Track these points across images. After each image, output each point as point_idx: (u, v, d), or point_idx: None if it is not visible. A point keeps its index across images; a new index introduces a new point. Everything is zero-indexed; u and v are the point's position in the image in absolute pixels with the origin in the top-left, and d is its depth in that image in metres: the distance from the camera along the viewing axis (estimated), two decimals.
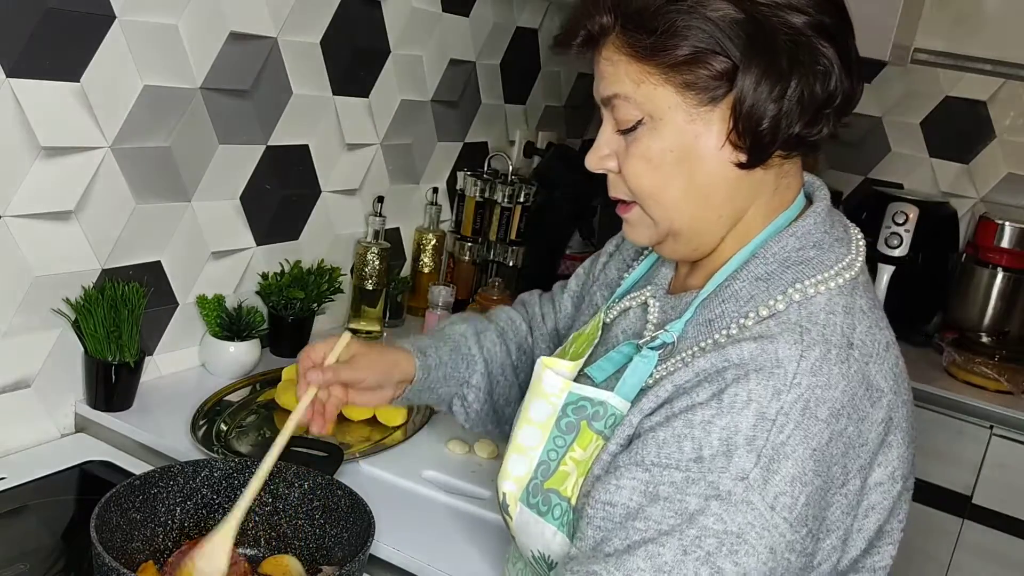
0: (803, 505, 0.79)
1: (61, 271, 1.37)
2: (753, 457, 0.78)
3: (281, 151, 1.70)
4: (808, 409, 0.80)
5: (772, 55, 0.82)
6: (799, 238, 0.89)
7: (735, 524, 0.78)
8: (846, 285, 0.88)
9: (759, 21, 0.82)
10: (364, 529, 1.06)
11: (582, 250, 2.55)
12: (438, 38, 2.01)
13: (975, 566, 2.17)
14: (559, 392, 0.97)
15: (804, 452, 0.79)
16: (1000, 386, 2.17)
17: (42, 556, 1.13)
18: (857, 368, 0.83)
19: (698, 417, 0.81)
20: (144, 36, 1.38)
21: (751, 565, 0.78)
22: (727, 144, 0.85)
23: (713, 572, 0.77)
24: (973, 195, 2.64)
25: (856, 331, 0.85)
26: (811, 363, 0.81)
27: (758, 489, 0.78)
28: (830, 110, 0.86)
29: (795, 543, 0.79)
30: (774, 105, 0.83)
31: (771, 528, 0.78)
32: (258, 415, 1.50)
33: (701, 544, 0.78)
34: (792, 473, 0.78)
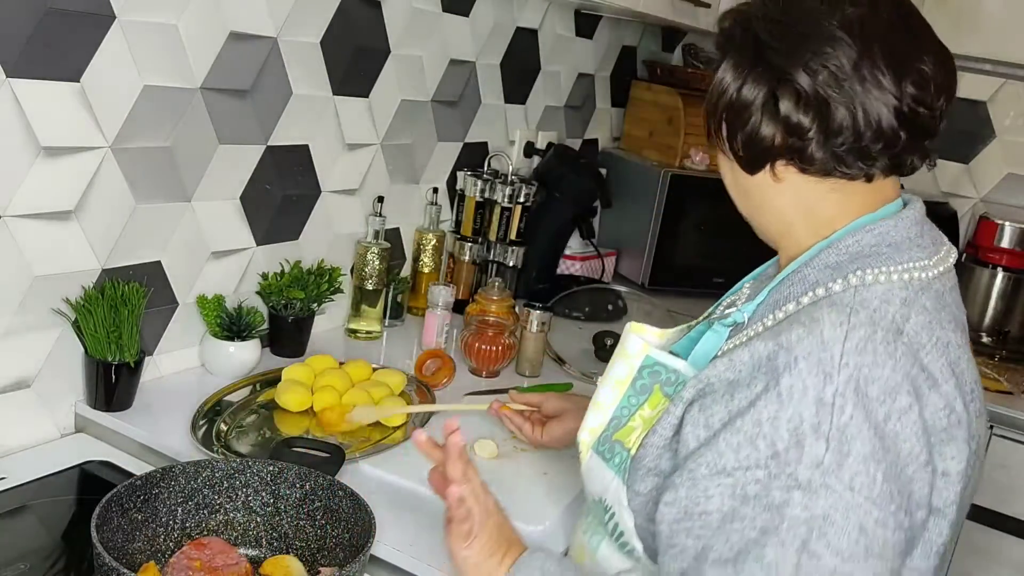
0: (881, 481, 0.81)
1: (61, 271, 1.37)
2: (823, 443, 0.81)
3: (281, 151, 1.70)
4: (859, 388, 0.82)
5: (759, 39, 0.92)
6: (876, 236, 0.93)
7: (820, 508, 0.81)
8: (913, 283, 0.91)
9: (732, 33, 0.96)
10: (365, 529, 1.06)
11: (582, 250, 2.55)
12: (438, 38, 2.01)
13: (975, 566, 2.17)
14: (638, 354, 1.05)
15: (868, 431, 0.82)
16: (1000, 386, 2.17)
17: (42, 556, 1.13)
18: (905, 352, 0.85)
19: (764, 415, 0.84)
20: (144, 36, 1.38)
21: (843, 545, 0.80)
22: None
23: (811, 557, 0.81)
24: (973, 195, 2.64)
25: (910, 322, 0.88)
26: (855, 343, 0.84)
27: (834, 473, 0.81)
28: (862, 123, 0.89)
29: (885, 519, 0.82)
30: (735, 94, 0.94)
31: (855, 507, 0.81)
32: (258, 415, 1.50)
33: (794, 533, 0.81)
34: (863, 452, 0.81)
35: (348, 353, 1.77)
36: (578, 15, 2.50)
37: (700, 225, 2.58)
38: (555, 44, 2.45)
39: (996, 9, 2.49)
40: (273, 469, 1.14)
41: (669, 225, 2.52)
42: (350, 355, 1.72)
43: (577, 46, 2.56)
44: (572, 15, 2.48)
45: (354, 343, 1.90)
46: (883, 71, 0.87)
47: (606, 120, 2.82)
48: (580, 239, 2.49)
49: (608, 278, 2.63)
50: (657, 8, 2.13)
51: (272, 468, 1.14)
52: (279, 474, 1.14)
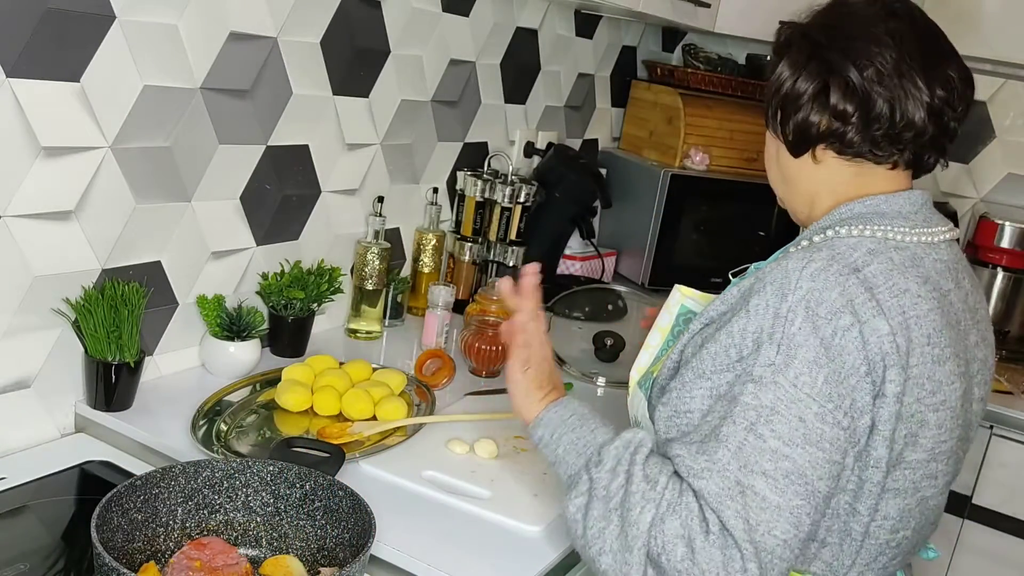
0: (823, 382, 0.96)
1: (61, 271, 1.37)
2: (774, 348, 0.98)
3: (281, 151, 1.70)
4: (810, 307, 0.98)
5: (814, 39, 1.11)
6: (867, 206, 1.09)
7: (767, 400, 0.97)
8: (887, 240, 1.06)
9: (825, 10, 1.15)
10: (365, 529, 1.06)
11: (582, 250, 2.55)
12: (438, 38, 2.01)
13: (975, 566, 2.17)
14: (675, 304, 1.26)
15: (814, 340, 0.97)
16: (1000, 386, 2.17)
17: (42, 556, 1.13)
18: (856, 284, 0.99)
19: (735, 328, 1.01)
20: (144, 36, 1.38)
21: (784, 430, 0.95)
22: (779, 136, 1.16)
23: (756, 437, 0.96)
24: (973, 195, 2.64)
25: (870, 267, 1.02)
26: (810, 271, 0.99)
27: (782, 371, 0.97)
28: (847, 132, 1.08)
29: (824, 415, 0.96)
30: (791, 87, 1.12)
31: (797, 401, 0.96)
32: (258, 415, 1.50)
33: (744, 416, 0.97)
34: (807, 357, 0.96)
35: (348, 353, 1.77)
36: (578, 15, 2.50)
37: (700, 225, 2.58)
38: (555, 44, 2.45)
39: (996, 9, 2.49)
40: (273, 469, 1.14)
41: (669, 225, 2.52)
42: (350, 355, 1.72)
43: (577, 46, 2.56)
44: (572, 15, 2.48)
45: (354, 343, 1.90)
46: (918, 73, 1.05)
47: (606, 120, 2.82)
48: (580, 239, 2.49)
49: (608, 278, 2.63)
50: (657, 8, 2.13)
51: (272, 468, 1.14)
52: (279, 474, 1.14)
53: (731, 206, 2.57)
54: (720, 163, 2.59)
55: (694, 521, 0.95)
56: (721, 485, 0.95)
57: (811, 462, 0.95)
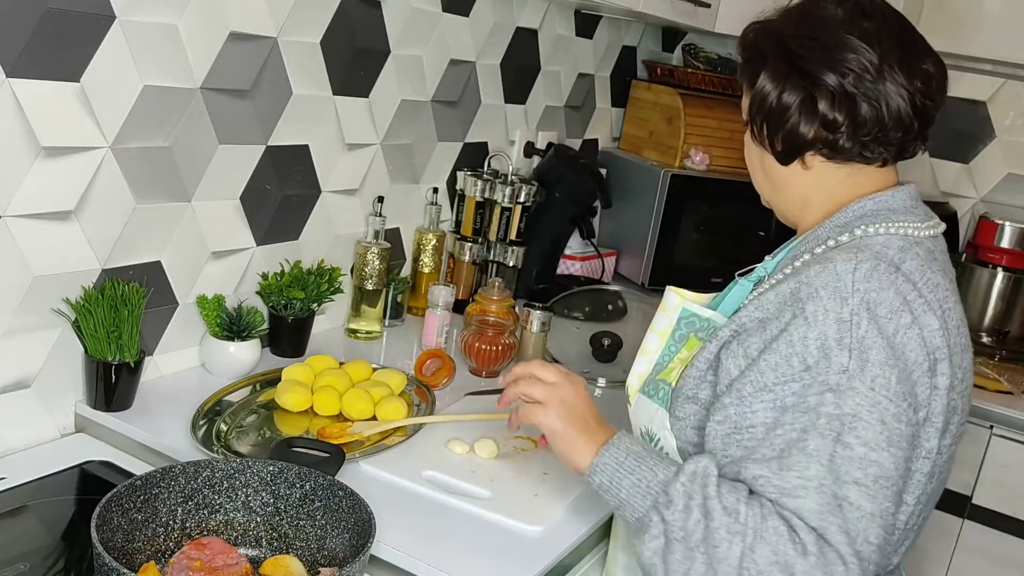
0: (896, 383, 0.97)
1: (61, 271, 1.37)
2: (846, 352, 0.97)
3: (281, 151, 1.70)
4: (871, 309, 0.99)
5: (792, 51, 1.10)
6: (877, 203, 1.11)
7: (849, 407, 0.96)
8: (909, 237, 1.07)
9: (797, 14, 1.12)
10: (365, 529, 1.06)
11: (582, 250, 2.55)
12: (438, 38, 2.01)
13: (975, 566, 2.17)
14: (676, 307, 1.23)
15: (882, 341, 0.98)
16: (1000, 386, 2.17)
17: (42, 556, 1.13)
18: (904, 282, 1.02)
19: (795, 336, 1.00)
20: (144, 36, 1.38)
21: (869, 436, 0.95)
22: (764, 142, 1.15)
23: (844, 447, 0.95)
24: (973, 195, 2.64)
25: (905, 263, 1.04)
26: (864, 272, 1.00)
27: (858, 376, 0.96)
28: (874, 111, 1.07)
29: (900, 415, 0.97)
30: (774, 99, 1.11)
31: (876, 404, 0.96)
32: (258, 415, 1.50)
33: (830, 427, 0.96)
34: (879, 359, 0.97)
35: (348, 353, 1.77)
36: (578, 15, 2.50)
37: (700, 225, 2.58)
38: (555, 44, 2.45)
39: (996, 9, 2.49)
40: (273, 469, 1.14)
41: (669, 225, 2.52)
42: (350, 355, 1.72)
43: (577, 46, 2.56)
44: (572, 15, 2.48)
45: (354, 343, 1.90)
46: (899, 72, 1.06)
47: (606, 120, 2.82)
48: (580, 239, 2.49)
49: (608, 278, 2.63)
50: (657, 8, 2.13)
51: (272, 468, 1.14)
52: (279, 474, 1.14)
53: (731, 206, 2.56)
54: (720, 163, 2.59)
55: (787, 545, 0.92)
56: (819, 501, 0.94)
57: (895, 463, 0.96)
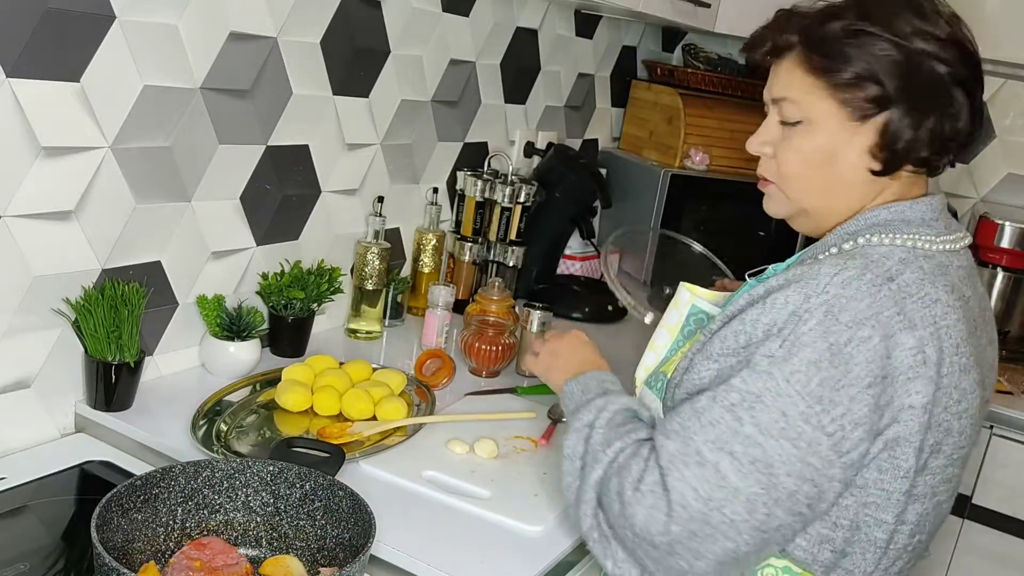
0: (817, 385, 0.96)
1: (61, 271, 1.37)
2: (780, 341, 0.98)
3: (281, 151, 1.70)
4: (832, 312, 0.98)
5: (918, 95, 1.05)
6: (892, 212, 1.10)
7: (756, 387, 0.98)
8: (916, 249, 1.07)
9: (913, 65, 1.04)
10: (365, 529, 1.06)
11: (582, 250, 2.55)
12: (438, 38, 2.01)
13: (975, 566, 2.17)
14: (686, 303, 1.26)
15: (823, 344, 0.97)
16: (1000, 386, 2.17)
17: (42, 556, 1.13)
18: (889, 295, 1.00)
19: (749, 317, 1.03)
20: (144, 36, 1.38)
21: (764, 419, 0.97)
22: (866, 153, 1.08)
23: (734, 419, 0.98)
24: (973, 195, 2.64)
25: (903, 276, 1.02)
26: (843, 278, 1.00)
27: (779, 364, 0.97)
28: (955, 144, 1.08)
29: (809, 416, 0.96)
30: (911, 132, 1.05)
31: (784, 395, 0.96)
32: (258, 415, 1.50)
33: (727, 397, 0.99)
34: (809, 358, 0.97)
35: (348, 353, 1.77)
36: (578, 15, 2.50)
37: (700, 225, 2.58)
38: (555, 44, 2.45)
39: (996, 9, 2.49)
40: (273, 469, 1.14)
41: (669, 225, 2.51)
42: (350, 355, 1.72)
43: (577, 46, 2.56)
44: (572, 15, 2.48)
45: (354, 343, 1.90)
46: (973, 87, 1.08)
47: (606, 120, 2.82)
48: (580, 239, 2.48)
49: None
50: (657, 8, 2.13)
51: (272, 468, 1.14)
52: (279, 474, 1.14)
53: (731, 206, 2.56)
54: (720, 163, 2.59)
55: (629, 474, 1.02)
56: (680, 449, 1.00)
57: (782, 456, 0.96)
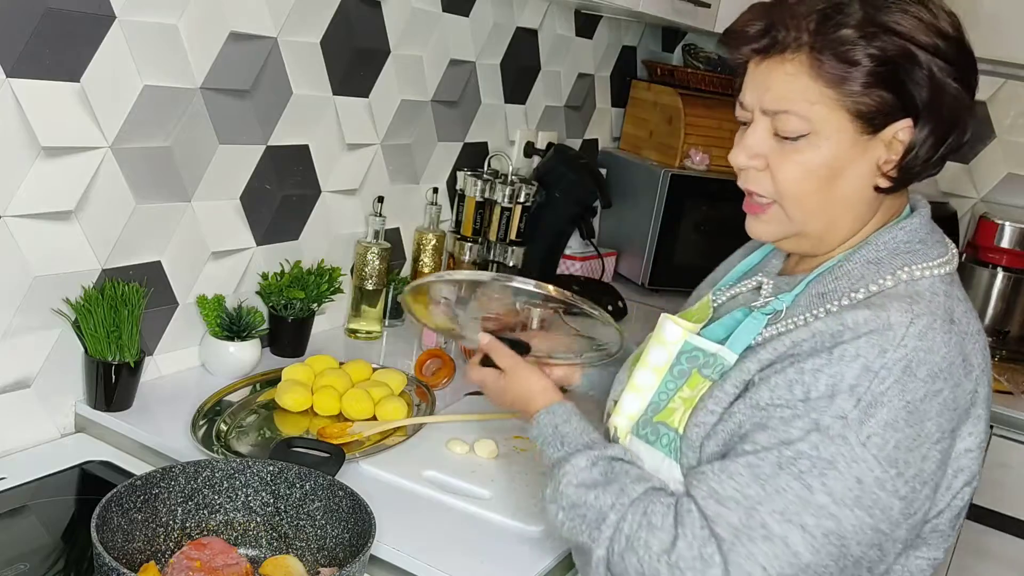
0: (893, 447, 0.89)
1: (61, 271, 1.37)
2: (853, 400, 0.89)
3: (281, 151, 1.70)
4: (910, 368, 0.90)
5: (943, 112, 0.95)
6: (908, 232, 1.02)
7: (828, 453, 0.89)
8: (946, 276, 1.01)
9: (935, 77, 0.94)
10: (365, 529, 1.06)
11: (582, 250, 2.55)
12: (438, 38, 2.01)
13: (975, 566, 2.17)
14: (677, 340, 1.10)
15: (899, 403, 0.89)
16: (1000, 386, 2.17)
17: (42, 556, 1.13)
18: (956, 340, 0.94)
19: (808, 365, 0.92)
20: (144, 36, 1.38)
21: (837, 489, 0.88)
22: (875, 169, 0.98)
23: (803, 487, 0.89)
24: (973, 195, 2.64)
25: (955, 312, 0.97)
26: (919, 328, 0.92)
27: (854, 428, 0.89)
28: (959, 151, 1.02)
29: (885, 481, 0.89)
30: (930, 151, 0.97)
31: (860, 461, 0.88)
32: (258, 415, 1.50)
33: (796, 463, 0.89)
34: (886, 419, 0.89)
35: (348, 353, 1.77)
36: (578, 15, 2.50)
37: (700, 225, 2.58)
38: (555, 44, 2.45)
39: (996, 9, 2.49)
40: (273, 469, 1.14)
41: (669, 225, 2.52)
42: (350, 355, 1.72)
43: (577, 46, 2.56)
44: (572, 15, 2.48)
45: (354, 343, 1.90)
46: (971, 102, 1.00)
47: (606, 120, 2.82)
48: (580, 239, 2.48)
49: (608, 278, 2.63)
50: (657, 8, 2.13)
51: (272, 468, 1.14)
52: (279, 474, 1.14)
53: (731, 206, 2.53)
54: (720, 163, 2.58)
55: (658, 533, 0.94)
56: (744, 521, 0.89)
57: (856, 526, 0.89)
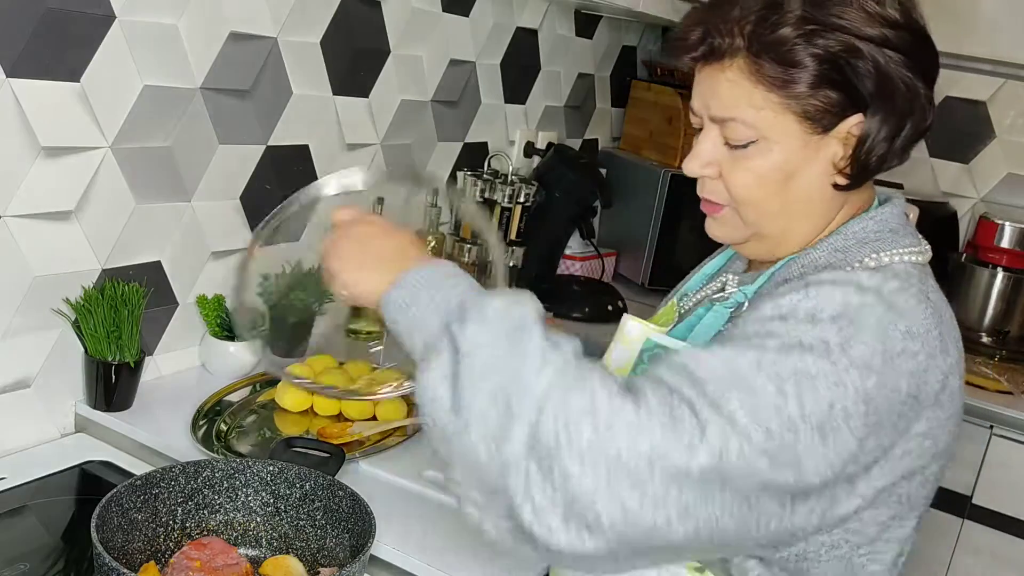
0: (872, 386, 0.83)
1: (61, 271, 1.37)
2: (835, 329, 0.83)
3: (281, 151, 1.70)
4: (888, 317, 0.85)
5: (894, 103, 0.92)
6: (878, 222, 0.98)
7: (813, 368, 0.81)
8: (919, 265, 0.96)
9: (884, 70, 0.90)
10: (365, 530, 1.06)
11: (582, 250, 2.55)
12: (438, 38, 2.01)
13: (975, 566, 2.17)
14: (639, 338, 1.04)
15: (878, 346, 0.84)
16: (1000, 386, 2.17)
17: (42, 556, 1.13)
18: (933, 314, 0.89)
19: (785, 300, 0.87)
20: (144, 36, 1.38)
21: (810, 406, 0.81)
22: (831, 168, 0.95)
23: (779, 392, 0.81)
24: (973, 195, 2.64)
25: (930, 294, 0.92)
26: (892, 287, 0.88)
27: (836, 353, 0.82)
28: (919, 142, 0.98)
29: (852, 415, 0.82)
30: (885, 144, 0.93)
31: (841, 385, 0.81)
32: (258, 415, 1.50)
33: (776, 368, 0.81)
34: (864, 358, 0.83)
35: (348, 353, 1.77)
36: (578, 15, 2.50)
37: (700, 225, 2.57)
38: (555, 44, 2.45)
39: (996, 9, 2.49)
40: (273, 469, 1.14)
41: (669, 225, 2.52)
42: (350, 355, 1.72)
43: (577, 46, 2.56)
44: (572, 15, 2.48)
45: (354, 343, 1.90)
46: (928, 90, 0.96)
47: (606, 120, 2.82)
48: (580, 239, 2.48)
49: (608, 278, 2.63)
50: (657, 8, 2.13)
51: (272, 468, 1.14)
52: (279, 474, 1.14)
53: None
54: None
55: (616, 394, 0.80)
56: (715, 400, 0.80)
57: (808, 444, 0.81)
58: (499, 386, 0.79)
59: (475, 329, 0.82)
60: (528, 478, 0.78)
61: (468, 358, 0.80)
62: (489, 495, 0.80)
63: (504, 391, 0.79)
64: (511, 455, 0.78)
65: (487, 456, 0.79)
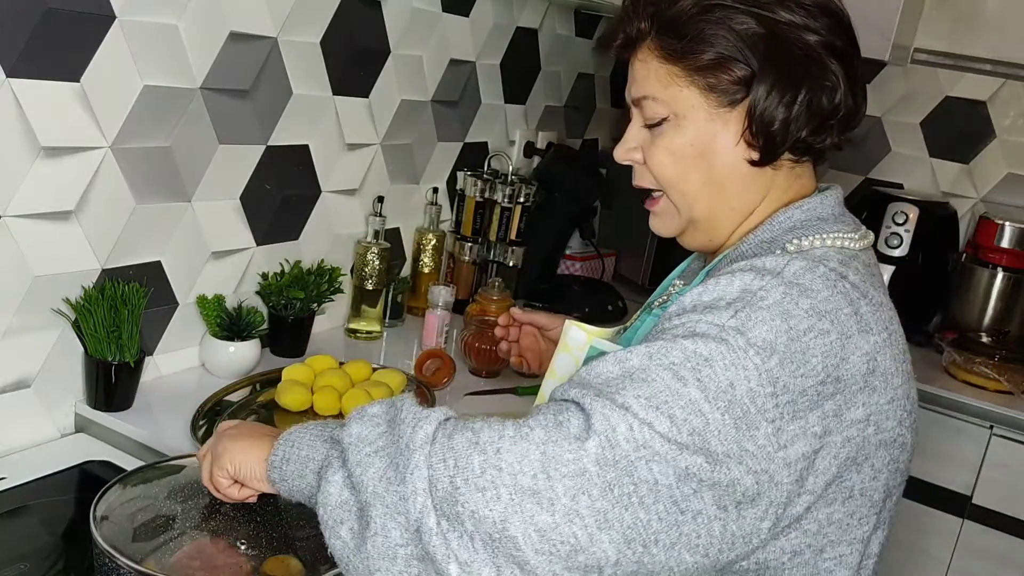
0: (775, 365, 0.81)
1: (61, 271, 1.37)
2: (731, 312, 0.84)
3: (281, 151, 1.70)
4: (790, 295, 0.85)
5: (786, 67, 0.93)
6: (805, 211, 0.98)
7: (706, 351, 0.81)
8: (847, 250, 0.95)
9: (777, 36, 0.93)
10: None
11: (582, 250, 2.55)
12: (438, 38, 2.01)
13: (975, 566, 2.17)
14: (582, 346, 1.07)
15: (781, 325, 0.83)
16: (1000, 386, 2.17)
17: (42, 556, 1.13)
18: (844, 293, 0.88)
19: (688, 296, 0.88)
20: (144, 36, 1.38)
21: (711, 386, 0.80)
22: (742, 142, 0.95)
23: (676, 377, 0.80)
24: (973, 195, 2.64)
25: (849, 276, 0.91)
26: (795, 268, 0.88)
27: (731, 334, 0.82)
28: (835, 122, 0.96)
29: (758, 395, 0.80)
30: (784, 110, 0.93)
31: (740, 363, 0.81)
32: (258, 415, 1.50)
33: (667, 354, 0.82)
34: (766, 336, 0.82)
35: (348, 353, 1.77)
36: (578, 15, 2.50)
37: None
38: (555, 44, 2.45)
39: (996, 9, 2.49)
40: None
41: None
42: (350, 355, 1.72)
43: (577, 46, 2.56)
44: (572, 15, 2.48)
45: (354, 343, 1.90)
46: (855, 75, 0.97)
47: (606, 120, 2.82)
48: (580, 239, 2.49)
49: (608, 278, 2.63)
50: None
51: None
52: None
53: None
54: None
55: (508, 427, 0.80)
56: (605, 393, 0.80)
57: (720, 432, 0.79)
58: (387, 458, 0.82)
59: (357, 427, 0.86)
60: (443, 535, 0.78)
61: (354, 449, 0.84)
62: (423, 564, 0.79)
63: (392, 460, 0.82)
64: (417, 515, 0.78)
65: (399, 531, 0.79)
